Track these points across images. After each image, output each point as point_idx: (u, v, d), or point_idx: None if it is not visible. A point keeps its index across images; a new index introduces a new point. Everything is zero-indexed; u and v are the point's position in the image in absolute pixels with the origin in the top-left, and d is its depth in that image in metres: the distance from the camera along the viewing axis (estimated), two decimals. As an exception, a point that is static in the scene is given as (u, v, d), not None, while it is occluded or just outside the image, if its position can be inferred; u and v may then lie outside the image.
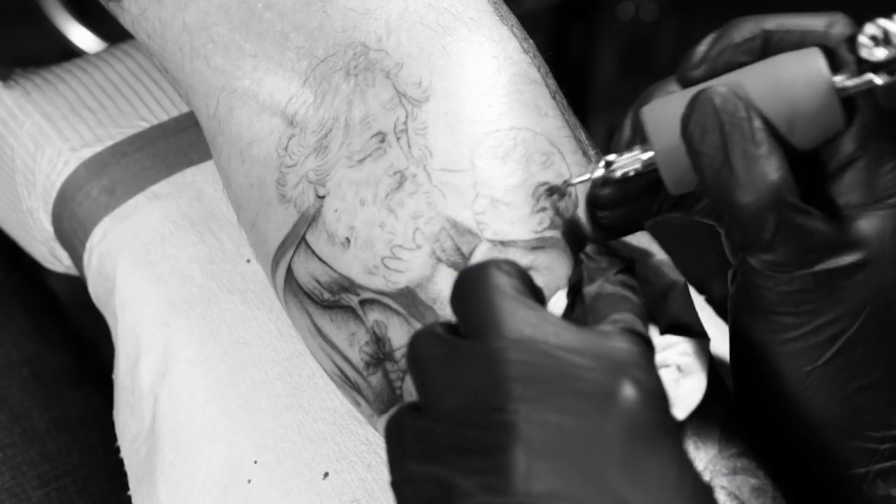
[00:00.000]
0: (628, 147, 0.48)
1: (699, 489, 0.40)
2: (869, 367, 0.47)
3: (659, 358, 0.46)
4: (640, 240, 0.51)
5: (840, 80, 0.45)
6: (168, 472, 0.59)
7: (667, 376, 0.46)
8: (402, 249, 0.49)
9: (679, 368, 0.46)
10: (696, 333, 0.48)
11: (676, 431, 0.41)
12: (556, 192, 0.50)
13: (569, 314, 0.46)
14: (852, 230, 0.46)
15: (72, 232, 0.66)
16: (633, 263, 0.47)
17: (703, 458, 0.48)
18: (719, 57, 0.47)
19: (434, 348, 0.42)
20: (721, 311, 0.67)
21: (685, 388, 0.46)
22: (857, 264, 0.46)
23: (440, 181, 0.49)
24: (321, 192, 0.51)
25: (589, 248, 0.46)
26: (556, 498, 0.38)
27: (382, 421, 0.52)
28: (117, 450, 0.63)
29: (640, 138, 0.48)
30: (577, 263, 0.47)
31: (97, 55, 0.70)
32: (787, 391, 0.48)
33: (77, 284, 0.68)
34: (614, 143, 0.49)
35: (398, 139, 0.50)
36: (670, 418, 0.41)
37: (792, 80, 0.45)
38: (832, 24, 0.46)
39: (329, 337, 0.52)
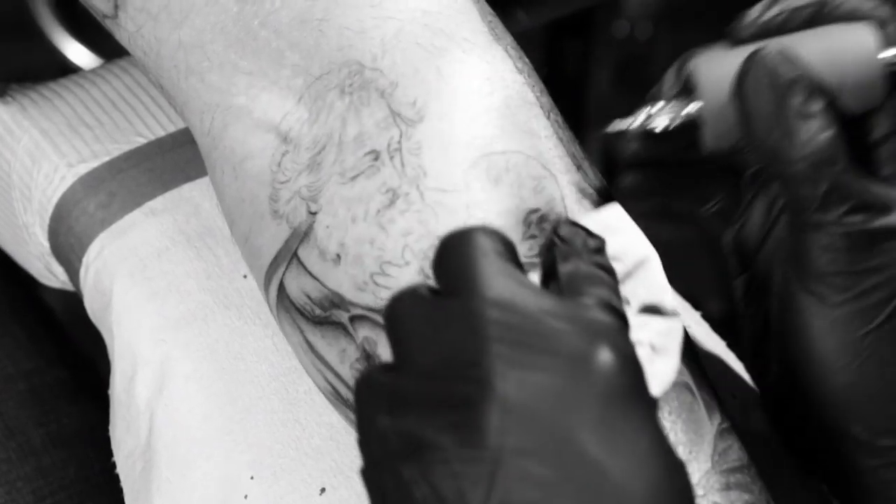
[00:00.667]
0: (669, 98, 0.49)
1: (671, 461, 0.40)
2: None
3: (633, 337, 0.46)
4: (614, 212, 0.51)
5: (887, 53, 0.47)
6: (164, 488, 0.59)
7: (641, 354, 0.46)
8: (391, 266, 0.49)
9: (653, 347, 0.46)
10: (668, 313, 0.48)
11: (652, 402, 0.41)
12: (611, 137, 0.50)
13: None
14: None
15: (68, 247, 0.66)
16: (603, 243, 0.47)
17: (696, 473, 0.48)
18: (774, 19, 0.48)
19: (413, 306, 0.42)
20: (717, 328, 0.67)
21: (659, 367, 0.46)
22: None
23: (433, 200, 0.49)
24: (313, 208, 0.51)
25: (562, 230, 0.46)
26: (527, 454, 0.38)
27: None
28: (113, 465, 0.63)
29: (683, 93, 0.49)
30: (549, 245, 0.47)
31: (94, 71, 0.71)
32: (839, 361, 0.48)
33: (73, 300, 0.68)
34: (654, 92, 0.50)
35: (391, 158, 0.50)
36: (646, 388, 0.41)
37: (842, 48, 0.47)
38: (886, 4, 0.48)
39: (320, 353, 0.52)
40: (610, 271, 0.45)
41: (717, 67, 0.48)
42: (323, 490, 0.57)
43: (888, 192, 0.47)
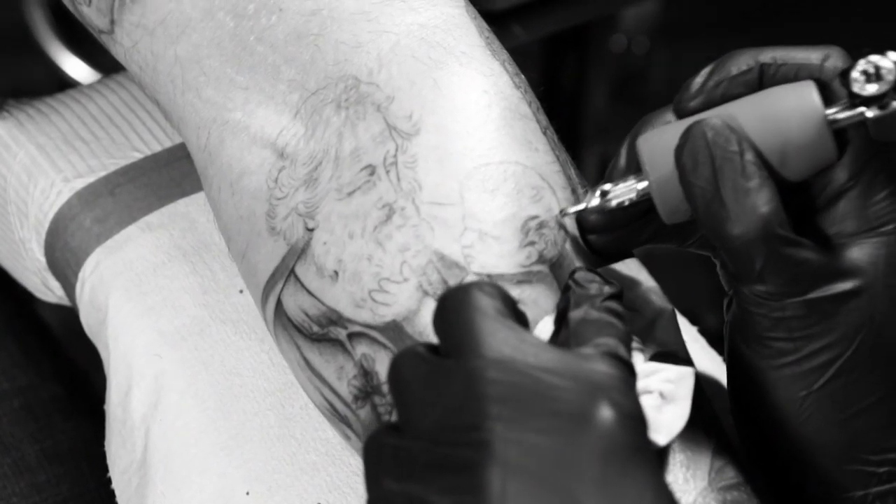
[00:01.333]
0: (623, 176, 0.49)
1: None
2: (865, 391, 0.47)
3: (642, 384, 0.46)
4: (630, 267, 0.52)
5: (832, 112, 0.46)
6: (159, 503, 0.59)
7: (649, 402, 0.46)
8: (389, 282, 0.49)
9: (662, 395, 0.46)
10: (682, 361, 0.48)
11: (654, 456, 0.41)
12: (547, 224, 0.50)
13: (554, 339, 0.46)
14: (845, 258, 0.47)
15: (64, 262, 0.66)
16: (621, 291, 0.47)
17: (693, 491, 0.48)
18: (715, 89, 0.47)
19: (414, 368, 0.42)
20: (715, 342, 0.67)
21: (668, 415, 0.46)
22: (849, 292, 0.47)
23: (429, 214, 0.49)
24: (310, 225, 0.51)
25: (577, 275, 0.47)
26: None
27: None
28: (108, 481, 0.63)
29: (635, 168, 0.49)
30: (565, 290, 0.47)
31: (90, 86, 0.71)
32: (784, 417, 0.48)
33: (69, 315, 0.68)
34: (609, 171, 0.50)
35: (387, 172, 0.50)
36: (648, 442, 0.41)
37: (785, 112, 0.46)
38: (827, 57, 0.47)
39: (318, 370, 0.52)
40: (622, 318, 0.45)
41: (661, 143, 0.47)
42: (318, 506, 0.57)
43: (829, 261, 0.46)
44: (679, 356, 0.48)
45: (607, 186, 0.48)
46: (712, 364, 0.65)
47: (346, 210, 0.50)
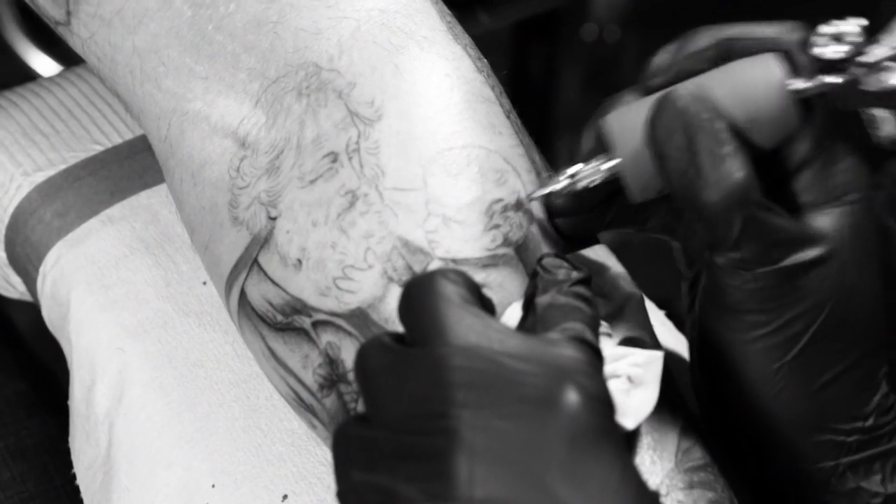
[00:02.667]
0: (588, 158, 0.49)
1: (644, 495, 0.40)
2: (834, 360, 0.48)
3: (610, 369, 0.46)
4: (598, 253, 0.51)
5: (795, 81, 0.46)
6: (124, 499, 0.58)
7: (617, 387, 0.46)
8: (354, 269, 0.49)
9: (630, 379, 0.46)
10: (650, 345, 0.48)
11: (621, 438, 0.41)
12: (519, 206, 0.50)
13: (522, 325, 0.46)
14: (812, 227, 0.47)
15: (25, 257, 0.65)
16: (589, 276, 0.47)
17: (660, 472, 0.48)
18: (680, 66, 0.48)
19: (380, 357, 0.42)
20: (683, 327, 0.67)
21: (635, 399, 0.46)
22: (818, 259, 0.47)
23: (392, 200, 0.49)
24: (273, 214, 0.51)
25: (545, 261, 0.47)
26: (496, 501, 0.38)
27: None
28: (74, 477, 0.62)
29: (600, 150, 0.49)
30: (532, 275, 0.47)
31: (49, 79, 0.70)
32: (755, 390, 0.48)
33: (34, 311, 0.68)
34: (575, 154, 0.50)
35: (350, 159, 0.50)
36: (614, 425, 0.41)
37: (750, 82, 0.46)
38: (789, 31, 0.47)
39: (283, 360, 0.52)
40: (590, 303, 0.45)
41: (629, 119, 0.47)
42: (285, 497, 0.57)
43: (800, 227, 0.47)
44: (647, 341, 0.48)
45: (574, 169, 0.48)
46: (679, 346, 0.65)
47: (308, 198, 0.50)
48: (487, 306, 0.44)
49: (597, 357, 0.43)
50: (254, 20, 0.52)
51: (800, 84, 0.46)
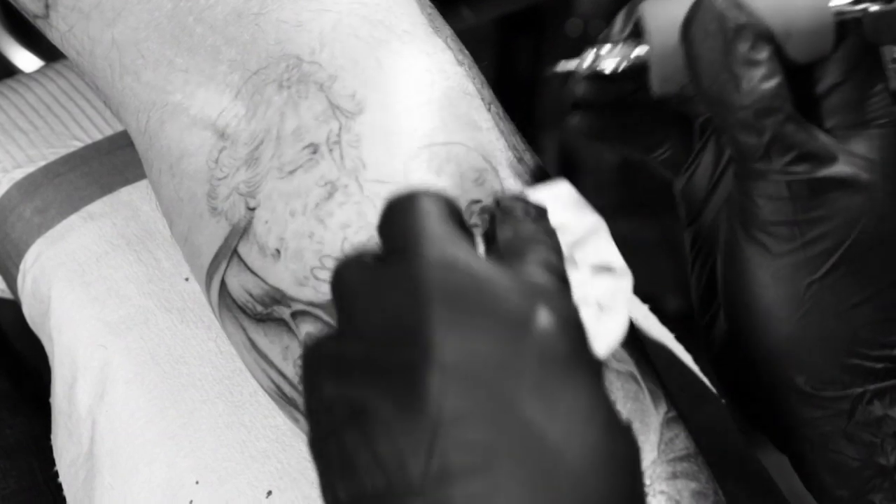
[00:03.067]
0: (619, 41, 0.50)
1: (613, 425, 0.39)
2: (864, 283, 0.48)
3: (579, 295, 0.46)
4: (559, 186, 0.51)
5: (837, 3, 0.47)
6: (107, 496, 0.58)
7: (587, 313, 0.45)
8: (331, 259, 0.49)
9: (599, 305, 0.46)
10: (618, 272, 0.48)
11: (594, 363, 0.40)
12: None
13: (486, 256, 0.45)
14: (843, 146, 0.48)
15: (5, 254, 0.65)
16: (544, 210, 0.46)
17: (643, 462, 0.48)
18: None
19: (356, 273, 0.41)
20: (671, 323, 0.67)
21: (606, 325, 0.45)
22: (851, 177, 0.47)
23: (372, 192, 0.49)
24: (252, 204, 0.50)
25: (501, 199, 0.46)
26: (466, 419, 0.38)
27: None
28: (56, 475, 0.62)
29: (634, 34, 0.49)
30: (491, 216, 0.46)
31: (28, 75, 0.70)
32: (782, 311, 0.48)
33: (16, 309, 0.67)
34: (604, 35, 0.50)
35: (330, 151, 0.49)
36: (587, 350, 0.41)
37: None
38: None
39: (263, 351, 0.51)
40: (551, 234, 0.45)
41: (665, 11, 0.48)
42: (269, 493, 0.57)
43: (832, 142, 0.47)
44: (615, 268, 0.48)
45: (604, 49, 0.49)
46: (664, 339, 0.65)
47: (287, 188, 0.50)
48: (468, 233, 0.44)
49: (566, 283, 0.43)
50: (234, 12, 0.52)
51: (843, 5, 0.47)
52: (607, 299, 0.46)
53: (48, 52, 1.02)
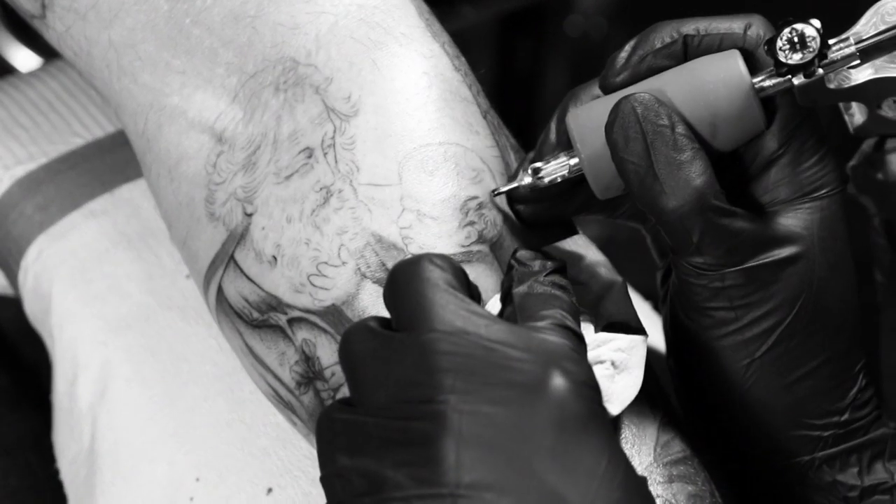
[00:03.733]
0: (553, 152, 0.49)
1: (632, 480, 0.40)
2: (806, 356, 0.48)
3: (593, 354, 0.46)
4: (577, 243, 0.51)
5: (759, 81, 0.46)
6: (108, 492, 0.58)
7: (601, 372, 0.46)
8: (328, 266, 0.49)
9: (614, 364, 0.46)
10: (634, 330, 0.48)
11: (608, 423, 0.41)
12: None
13: (501, 316, 0.46)
14: (781, 226, 0.47)
15: (6, 251, 0.65)
16: (563, 265, 0.47)
17: (639, 466, 0.48)
18: (640, 63, 0.47)
19: (365, 342, 0.42)
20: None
21: (620, 385, 0.46)
22: (786, 259, 0.47)
23: (366, 196, 0.49)
24: (249, 210, 0.50)
25: (519, 254, 0.47)
26: (485, 488, 0.38)
27: None
28: (57, 472, 0.62)
29: (565, 143, 0.49)
30: (508, 269, 0.47)
31: (30, 73, 0.70)
32: (729, 385, 0.49)
33: (16, 307, 0.67)
34: (539, 147, 0.50)
35: (325, 154, 0.49)
36: (602, 409, 0.41)
37: (712, 83, 0.46)
38: (749, 25, 0.47)
39: (260, 357, 0.52)
40: (567, 291, 0.45)
41: (590, 119, 0.47)
42: (270, 490, 0.57)
43: (764, 229, 0.47)
44: (631, 325, 0.48)
45: (539, 164, 0.48)
46: (663, 340, 0.65)
47: (283, 194, 0.50)
48: (473, 293, 0.44)
49: (580, 343, 0.43)
50: (231, 14, 0.52)
51: (766, 83, 0.46)
52: (622, 358, 0.46)
53: (48, 50, 1.02)
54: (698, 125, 0.46)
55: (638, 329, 0.48)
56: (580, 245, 0.51)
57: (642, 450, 0.48)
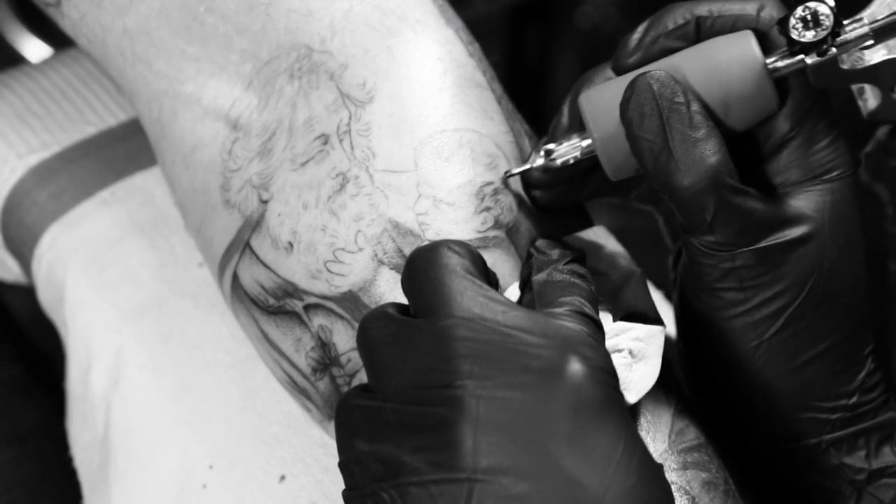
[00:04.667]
0: (566, 134, 0.49)
1: (648, 466, 0.40)
2: (815, 338, 0.48)
3: (611, 343, 0.46)
4: (596, 233, 0.51)
5: (772, 61, 0.46)
6: (122, 480, 0.59)
7: (619, 361, 0.46)
8: (345, 252, 0.49)
9: (631, 353, 0.46)
10: (652, 320, 0.48)
11: (625, 408, 0.41)
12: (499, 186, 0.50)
13: (520, 303, 0.46)
14: (791, 207, 0.47)
15: (20, 240, 0.65)
16: (583, 254, 0.47)
17: (653, 453, 0.48)
18: (653, 44, 0.47)
19: (383, 328, 0.42)
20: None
21: (637, 373, 0.46)
22: (797, 240, 0.47)
23: (382, 182, 0.49)
24: (265, 197, 0.50)
25: (538, 242, 0.47)
26: (502, 473, 0.38)
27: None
28: (70, 459, 0.62)
29: (577, 125, 0.49)
30: (527, 257, 0.47)
31: (42, 62, 0.70)
32: (738, 367, 0.49)
33: (29, 295, 0.68)
34: (552, 129, 0.50)
35: (341, 141, 0.49)
36: (619, 395, 0.41)
37: (725, 63, 0.46)
38: (762, 6, 0.47)
39: (276, 343, 0.52)
40: (586, 279, 0.45)
41: (603, 99, 0.47)
42: (283, 478, 0.57)
43: (776, 209, 0.47)
44: (649, 315, 0.48)
45: (551, 146, 0.48)
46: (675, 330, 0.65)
47: (299, 180, 0.50)
48: (491, 280, 0.44)
49: (598, 330, 0.43)
50: (245, 2, 0.52)
51: (778, 63, 0.46)
52: (640, 347, 0.46)
53: (59, 40, 1.02)
54: (711, 104, 0.46)
55: (656, 319, 0.48)
56: (600, 236, 0.51)
57: (657, 437, 0.48)
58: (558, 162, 0.48)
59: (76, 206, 0.64)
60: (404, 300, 0.44)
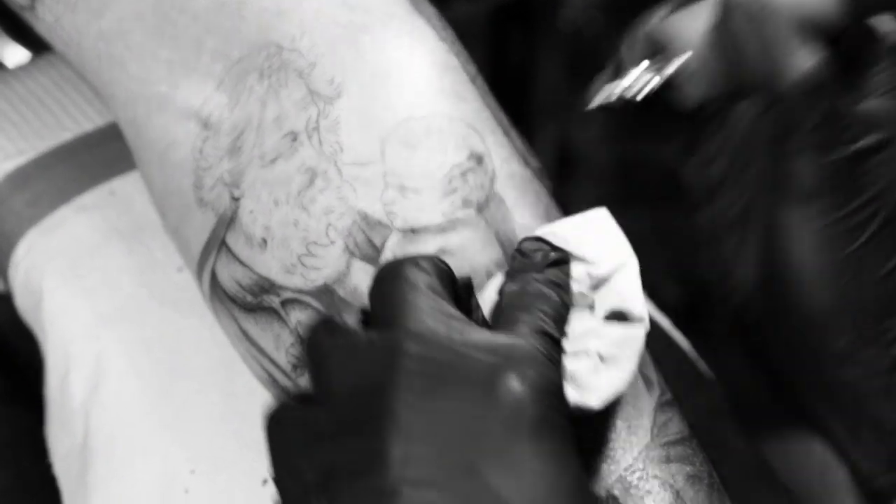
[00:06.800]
0: (638, 63, 0.51)
1: (579, 491, 0.39)
2: None
3: (581, 346, 0.46)
4: (598, 214, 0.51)
5: None
6: (102, 487, 0.58)
7: (585, 365, 0.45)
8: (317, 246, 0.49)
9: (601, 357, 0.45)
10: (635, 319, 0.48)
11: (566, 430, 0.41)
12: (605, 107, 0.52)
13: (492, 310, 0.45)
14: (881, 110, 0.48)
15: (-3, 247, 0.65)
16: (566, 257, 0.47)
17: (635, 447, 0.48)
18: None
19: (330, 337, 0.42)
20: (670, 313, 0.67)
21: (604, 378, 0.45)
22: (886, 141, 0.48)
23: (350, 175, 0.49)
24: (236, 194, 0.50)
25: (523, 244, 0.46)
26: (427, 486, 0.38)
27: None
28: (50, 467, 0.62)
29: (649, 55, 0.50)
30: (511, 259, 0.47)
31: (18, 68, 0.70)
32: (824, 280, 0.49)
33: (8, 303, 0.67)
34: (625, 61, 0.51)
35: (310, 137, 0.50)
36: (561, 417, 0.41)
37: None
38: None
39: (256, 341, 0.52)
40: (562, 287, 0.45)
41: (687, 22, 0.49)
42: (265, 481, 0.57)
43: (875, 108, 0.48)
44: (634, 313, 0.48)
45: (634, 72, 0.50)
46: (661, 324, 0.65)
47: (269, 177, 0.50)
48: (461, 293, 0.44)
49: (554, 347, 0.43)
50: (216, 1, 0.52)
51: None
52: (612, 352, 0.46)
53: (36, 45, 1.01)
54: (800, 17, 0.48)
55: (639, 318, 0.48)
56: (600, 218, 0.51)
57: (639, 431, 0.48)
58: (639, 94, 0.50)
59: (53, 212, 0.63)
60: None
